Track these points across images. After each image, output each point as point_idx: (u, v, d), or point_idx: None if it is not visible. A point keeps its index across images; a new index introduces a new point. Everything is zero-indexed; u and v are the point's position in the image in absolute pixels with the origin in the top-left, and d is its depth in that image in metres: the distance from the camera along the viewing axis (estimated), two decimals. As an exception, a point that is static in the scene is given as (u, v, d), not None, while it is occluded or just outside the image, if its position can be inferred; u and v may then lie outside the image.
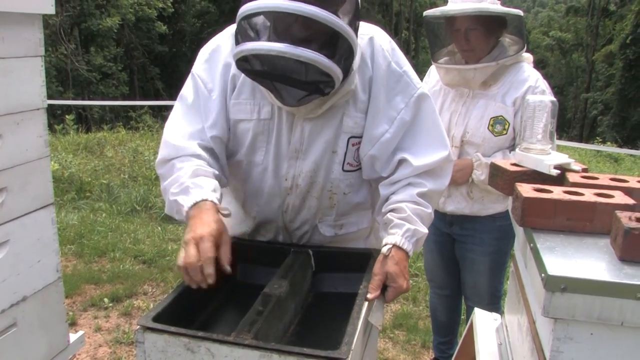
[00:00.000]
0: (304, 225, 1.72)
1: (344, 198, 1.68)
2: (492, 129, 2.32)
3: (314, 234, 1.74)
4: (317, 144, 1.59)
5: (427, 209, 1.59)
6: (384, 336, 3.49)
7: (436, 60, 2.44)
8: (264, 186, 1.67)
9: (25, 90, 1.84)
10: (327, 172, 1.63)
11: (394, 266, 1.47)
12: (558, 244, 1.07)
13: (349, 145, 1.60)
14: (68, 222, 5.17)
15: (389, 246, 1.50)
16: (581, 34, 33.75)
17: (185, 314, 1.36)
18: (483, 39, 2.29)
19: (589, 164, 10.88)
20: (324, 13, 1.30)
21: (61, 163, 6.62)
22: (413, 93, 1.59)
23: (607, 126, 26.49)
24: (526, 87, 2.29)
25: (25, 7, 1.76)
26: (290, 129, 1.59)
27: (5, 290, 1.81)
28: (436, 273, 2.79)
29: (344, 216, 1.73)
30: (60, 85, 18.30)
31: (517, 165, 1.40)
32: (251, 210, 1.75)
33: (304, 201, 1.67)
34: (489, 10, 2.21)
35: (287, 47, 1.30)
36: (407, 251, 1.51)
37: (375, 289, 1.44)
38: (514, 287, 1.43)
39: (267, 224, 1.74)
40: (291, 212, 1.69)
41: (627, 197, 1.15)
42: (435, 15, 2.36)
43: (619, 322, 0.92)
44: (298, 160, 1.61)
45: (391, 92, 1.59)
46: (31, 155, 1.89)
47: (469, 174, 2.35)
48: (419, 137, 1.60)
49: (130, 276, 4.18)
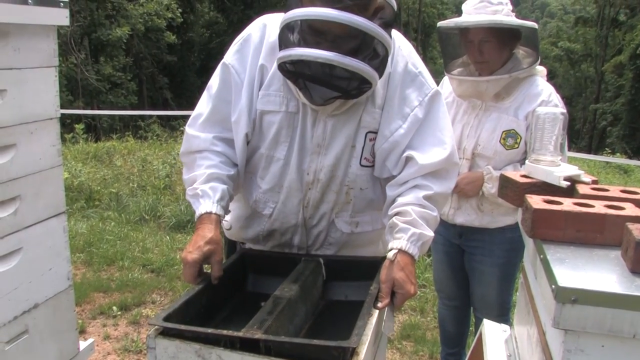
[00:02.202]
0: (322, 220, 1.74)
1: (360, 194, 1.72)
2: (504, 142, 2.31)
3: (330, 231, 1.77)
4: (339, 139, 1.63)
5: (433, 212, 1.60)
6: (391, 347, 3.48)
7: (449, 72, 2.44)
8: (284, 181, 1.69)
9: (39, 100, 1.86)
10: (346, 167, 1.67)
11: (400, 272, 1.48)
12: (568, 256, 1.07)
13: (366, 140, 1.65)
14: (77, 230, 5.20)
15: (395, 251, 1.51)
16: (590, 44, 33.67)
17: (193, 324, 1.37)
18: (496, 51, 2.29)
19: (598, 175, 10.81)
20: (369, 24, 1.39)
21: (71, 172, 6.66)
22: (427, 92, 1.65)
23: (617, 137, 26.35)
24: (539, 101, 2.28)
25: (42, 19, 1.79)
26: (314, 124, 1.63)
27: (18, 298, 1.83)
28: (445, 284, 2.78)
29: (359, 213, 1.76)
30: (70, 95, 18.43)
31: (527, 177, 1.40)
32: (266, 208, 1.76)
33: (323, 195, 1.70)
34: (502, 22, 2.21)
35: (336, 55, 1.39)
36: (413, 255, 1.53)
37: (384, 297, 1.45)
38: (523, 298, 1.42)
39: (285, 222, 1.75)
40: (312, 207, 1.72)
41: (638, 209, 1.15)
42: (449, 26, 2.35)
43: (631, 334, 0.92)
44: (320, 155, 1.65)
45: (406, 90, 1.64)
46: (44, 164, 1.91)
47: (480, 186, 2.34)
48: (428, 135, 1.64)
49: (139, 285, 4.20)
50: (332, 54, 1.38)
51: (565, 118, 1.41)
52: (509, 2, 2.32)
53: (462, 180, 2.38)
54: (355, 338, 1.15)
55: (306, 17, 1.41)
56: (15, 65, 1.74)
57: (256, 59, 1.64)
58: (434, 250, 2.77)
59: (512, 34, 2.29)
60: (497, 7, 2.26)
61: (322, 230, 1.76)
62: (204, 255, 1.48)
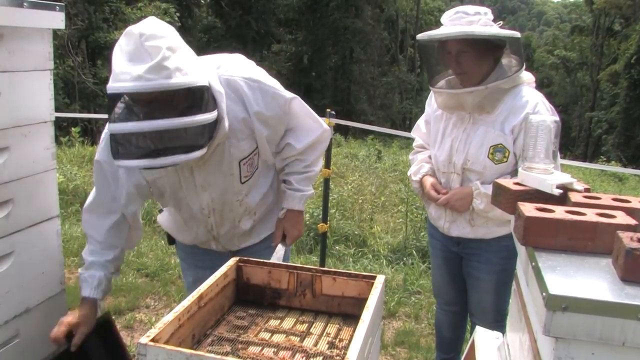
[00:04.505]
0: (229, 231, 2.11)
1: (249, 198, 2.06)
2: (492, 157, 2.29)
3: (236, 232, 2.12)
4: (216, 175, 1.92)
5: (312, 172, 2.12)
6: (385, 353, 3.47)
7: (433, 85, 2.43)
8: (193, 214, 2.03)
9: (33, 103, 1.86)
10: (231, 190, 1.98)
11: (287, 223, 2.12)
12: (560, 263, 1.07)
13: (241, 166, 1.95)
14: (72, 234, 5.18)
15: (284, 210, 2.12)
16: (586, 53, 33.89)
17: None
18: (475, 61, 2.24)
19: (593, 183, 10.86)
20: (170, 82, 1.53)
21: (66, 175, 6.64)
22: (285, 99, 1.96)
23: (612, 145, 26.49)
24: (524, 114, 2.22)
25: (36, 22, 1.79)
26: (191, 173, 1.90)
27: (9, 302, 1.82)
28: (444, 289, 2.78)
29: (254, 207, 2.10)
30: (67, 98, 18.40)
31: (520, 185, 1.40)
32: (192, 226, 2.12)
33: (223, 218, 2.05)
34: (473, 33, 2.17)
35: (165, 121, 1.53)
36: (299, 210, 2.12)
37: (276, 239, 2.12)
38: (515, 305, 1.43)
39: (200, 239, 2.15)
40: (216, 228, 2.08)
41: (629, 217, 1.16)
42: (424, 39, 2.33)
43: (621, 342, 0.92)
44: (207, 191, 1.95)
45: (269, 106, 1.92)
46: (38, 167, 1.90)
47: (470, 202, 2.33)
48: (297, 127, 2.04)
49: (133, 289, 4.18)
50: (162, 121, 1.52)
51: (558, 126, 1.41)
52: (489, 12, 2.27)
53: (453, 196, 2.38)
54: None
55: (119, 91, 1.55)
56: (10, 68, 1.74)
57: None
58: (433, 255, 2.77)
59: (491, 44, 2.25)
60: (474, 17, 2.22)
61: (231, 235, 2.13)
62: (74, 325, 1.81)
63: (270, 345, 1.51)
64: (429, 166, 2.55)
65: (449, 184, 2.44)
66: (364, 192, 6.86)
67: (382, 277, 1.70)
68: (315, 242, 5.11)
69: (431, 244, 2.77)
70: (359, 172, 8.86)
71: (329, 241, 5.06)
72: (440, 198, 2.40)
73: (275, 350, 1.48)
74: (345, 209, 6.03)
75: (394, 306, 4.10)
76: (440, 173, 2.48)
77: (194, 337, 1.50)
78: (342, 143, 14.29)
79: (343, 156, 10.73)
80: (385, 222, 6.05)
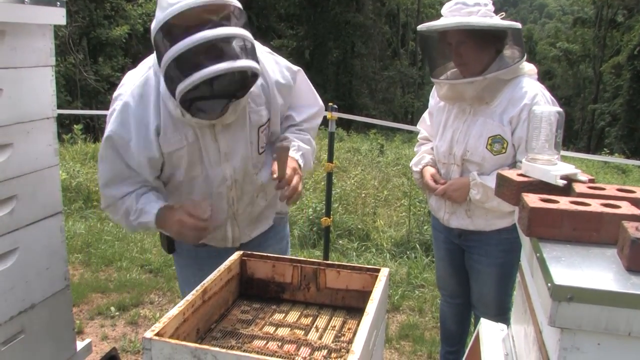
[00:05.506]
0: (246, 209, 2.06)
1: (262, 174, 2.03)
2: (491, 148, 2.30)
3: (253, 210, 2.08)
4: (239, 142, 1.92)
5: (306, 136, 2.10)
6: (389, 347, 3.48)
7: (435, 77, 2.43)
8: (213, 189, 1.95)
9: (35, 99, 1.86)
10: (250, 161, 1.97)
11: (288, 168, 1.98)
12: (565, 254, 1.07)
13: (259, 134, 1.97)
14: (75, 231, 5.20)
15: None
16: (588, 45, 33.71)
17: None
18: (475, 52, 2.25)
19: (597, 175, 10.81)
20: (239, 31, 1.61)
21: (69, 172, 6.66)
22: (293, 70, 2.03)
23: (615, 137, 26.39)
24: (522, 105, 2.23)
25: (37, 18, 1.78)
26: (215, 139, 1.88)
27: (14, 298, 1.83)
28: (447, 281, 2.78)
29: (266, 185, 2.05)
30: (69, 95, 18.41)
31: (524, 176, 1.40)
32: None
33: (242, 190, 2.00)
34: (471, 24, 2.18)
35: (229, 63, 1.56)
36: (297, 159, 1.99)
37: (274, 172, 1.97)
38: (520, 297, 1.42)
39: (217, 220, 2.00)
40: (237, 203, 2.02)
41: (633, 207, 1.15)
42: (424, 30, 2.34)
43: (626, 332, 0.92)
44: (229, 161, 1.93)
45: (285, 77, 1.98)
46: (41, 163, 1.91)
47: (467, 193, 2.34)
48: (300, 99, 2.10)
49: (137, 285, 4.20)
50: (226, 63, 1.56)
51: (561, 117, 1.41)
52: (489, 3, 2.27)
53: (450, 187, 2.39)
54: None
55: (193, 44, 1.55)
56: (12, 65, 1.74)
57: (138, 119, 1.81)
58: (436, 248, 2.78)
59: (491, 34, 2.25)
60: (473, 8, 2.22)
61: (249, 216, 2.08)
62: (195, 208, 1.79)
63: (275, 338, 1.51)
64: (430, 157, 2.56)
65: (448, 175, 2.44)
66: (366, 186, 6.86)
67: (386, 269, 1.70)
68: (318, 236, 5.11)
69: (434, 236, 2.78)
70: (362, 166, 8.86)
71: (332, 235, 5.07)
72: (438, 188, 2.41)
73: (280, 344, 1.48)
74: (348, 203, 6.03)
75: (397, 300, 4.10)
76: (441, 164, 2.49)
77: (198, 331, 1.50)
78: (344, 137, 14.28)
79: (345, 150, 10.72)
80: (388, 216, 6.05)
